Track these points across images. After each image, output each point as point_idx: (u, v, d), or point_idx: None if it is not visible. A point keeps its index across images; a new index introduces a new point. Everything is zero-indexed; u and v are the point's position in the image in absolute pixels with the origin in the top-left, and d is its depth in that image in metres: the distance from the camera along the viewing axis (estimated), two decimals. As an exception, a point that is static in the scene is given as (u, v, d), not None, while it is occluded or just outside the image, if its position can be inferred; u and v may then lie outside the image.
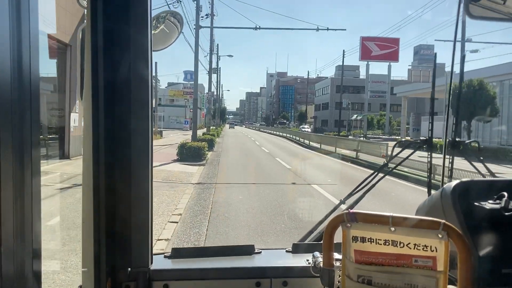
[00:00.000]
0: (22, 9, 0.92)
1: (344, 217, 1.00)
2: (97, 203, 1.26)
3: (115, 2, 1.26)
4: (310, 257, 1.27)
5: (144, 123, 1.33)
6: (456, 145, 1.86)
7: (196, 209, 8.57)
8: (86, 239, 1.27)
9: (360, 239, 1.00)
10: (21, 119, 0.94)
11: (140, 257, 1.36)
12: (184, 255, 1.56)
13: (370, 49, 61.77)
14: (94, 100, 1.24)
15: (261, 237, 6.61)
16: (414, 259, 0.97)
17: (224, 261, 1.55)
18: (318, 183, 12.16)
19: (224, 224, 7.42)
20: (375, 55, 62.19)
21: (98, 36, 1.24)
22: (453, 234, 0.92)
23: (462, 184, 1.26)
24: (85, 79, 1.26)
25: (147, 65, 1.32)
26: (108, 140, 1.28)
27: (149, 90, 1.34)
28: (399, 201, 9.68)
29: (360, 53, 62.22)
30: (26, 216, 0.96)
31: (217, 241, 6.36)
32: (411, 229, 0.95)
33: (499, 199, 1.21)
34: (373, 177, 1.96)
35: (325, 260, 1.09)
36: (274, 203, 9.32)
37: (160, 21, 1.76)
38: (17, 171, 0.93)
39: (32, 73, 0.96)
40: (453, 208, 1.21)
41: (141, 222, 1.35)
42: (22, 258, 0.96)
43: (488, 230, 1.20)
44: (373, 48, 61.94)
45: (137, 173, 1.33)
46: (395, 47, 61.77)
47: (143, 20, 1.30)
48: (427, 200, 1.41)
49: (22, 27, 0.92)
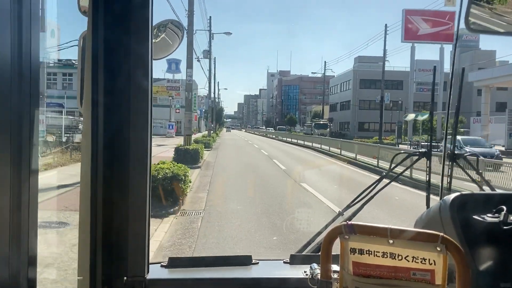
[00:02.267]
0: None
1: (342, 228, 1.00)
2: (94, 211, 1.25)
3: (116, 10, 1.27)
4: (307, 268, 1.26)
5: (143, 133, 1.33)
6: (455, 157, 1.86)
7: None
8: (82, 247, 1.26)
9: (358, 251, 0.99)
10: (19, 123, 0.94)
11: (136, 266, 1.35)
12: (181, 265, 1.55)
13: (417, 26, 45.51)
14: (94, 108, 1.24)
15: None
16: (412, 272, 0.96)
17: (221, 272, 1.53)
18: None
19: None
20: (424, 34, 45.54)
21: (99, 44, 1.24)
22: (451, 247, 0.92)
23: (461, 197, 1.26)
24: (85, 86, 1.26)
25: (147, 74, 1.33)
26: (106, 149, 1.28)
27: (148, 99, 1.34)
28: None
29: (403, 32, 45.58)
30: (22, 224, 0.95)
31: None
32: (410, 241, 0.94)
33: (498, 213, 1.21)
34: (371, 189, 1.95)
35: (323, 272, 1.08)
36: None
37: (161, 30, 1.76)
38: (15, 178, 0.93)
39: (32, 75, 0.96)
40: (452, 221, 1.21)
41: (138, 231, 1.34)
42: (17, 265, 0.96)
43: (486, 244, 1.20)
44: (420, 24, 45.43)
45: (134, 182, 1.32)
46: (450, 23, 43.96)
47: (144, 29, 1.31)
48: (425, 212, 1.40)
49: (23, 28, 0.93)
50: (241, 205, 9.62)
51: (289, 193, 11.98)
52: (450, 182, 1.86)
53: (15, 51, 0.91)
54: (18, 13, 0.92)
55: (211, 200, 10.23)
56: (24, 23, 0.93)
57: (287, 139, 45.72)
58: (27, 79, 0.95)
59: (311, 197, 10.62)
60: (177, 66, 44.30)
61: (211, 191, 11.43)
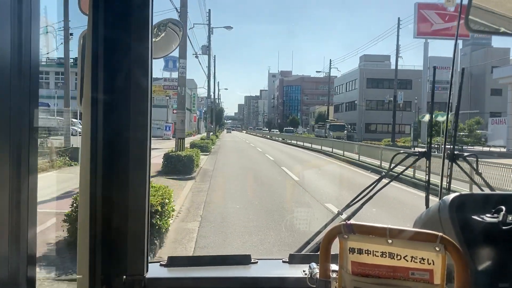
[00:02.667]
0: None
1: (341, 228, 1.00)
2: (93, 210, 1.25)
3: (116, 10, 1.27)
4: (306, 268, 1.26)
5: (143, 132, 1.33)
6: (454, 157, 1.86)
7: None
8: (81, 246, 1.27)
9: (357, 251, 1.00)
10: (19, 123, 0.94)
11: (135, 265, 1.35)
12: (180, 264, 1.55)
13: (430, 21, 43.44)
14: (93, 107, 1.24)
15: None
16: (411, 272, 0.96)
17: (220, 271, 1.54)
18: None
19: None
20: (438, 29, 43.01)
21: (99, 43, 1.24)
22: (450, 247, 0.92)
23: (460, 197, 1.26)
24: (85, 86, 1.26)
25: (147, 73, 1.33)
26: (106, 148, 1.28)
27: (148, 98, 1.34)
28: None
29: (416, 27, 43.23)
30: (21, 223, 0.96)
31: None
32: (408, 241, 0.95)
33: (497, 213, 1.21)
34: (371, 188, 1.95)
35: (322, 271, 1.08)
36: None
37: (161, 29, 1.77)
38: (14, 177, 0.93)
39: (32, 74, 0.96)
40: (451, 221, 1.21)
41: (137, 230, 1.34)
42: (16, 264, 0.96)
43: (485, 244, 1.20)
44: (434, 19, 43.22)
45: (134, 181, 1.32)
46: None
47: (144, 29, 1.31)
48: (424, 212, 1.40)
49: (23, 33, 0.93)
50: (250, 246, 6.33)
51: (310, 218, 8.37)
52: (449, 182, 1.86)
53: (15, 50, 0.92)
54: (18, 12, 0.92)
55: (205, 236, 6.81)
56: (24, 23, 0.94)
57: (297, 142, 41.18)
58: (27, 79, 0.95)
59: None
60: (175, 64, 43.45)
61: (206, 219, 8.01)
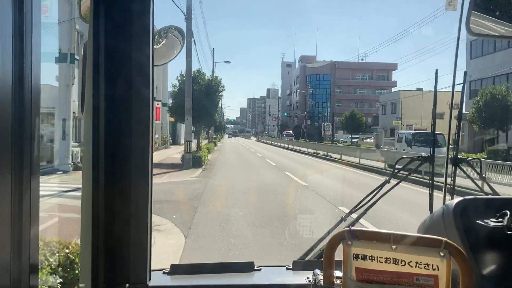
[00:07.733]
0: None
1: (344, 234, 0.99)
2: (95, 218, 1.25)
3: (117, 17, 1.27)
4: (310, 274, 1.25)
5: (144, 140, 1.33)
6: (458, 162, 1.85)
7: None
8: (84, 254, 1.26)
9: (361, 257, 0.99)
10: (20, 131, 0.94)
11: (138, 273, 1.34)
12: (183, 272, 1.54)
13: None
14: (95, 115, 1.24)
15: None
16: (415, 278, 0.95)
17: (223, 278, 1.53)
18: None
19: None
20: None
21: (100, 51, 1.25)
22: (455, 252, 0.91)
23: (464, 202, 1.25)
24: (86, 93, 1.26)
25: (148, 80, 1.33)
26: (108, 156, 1.28)
27: (149, 106, 1.34)
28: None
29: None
30: (24, 231, 0.95)
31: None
32: (412, 247, 0.94)
33: (502, 217, 1.20)
34: (374, 194, 1.95)
35: (326, 278, 1.07)
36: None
37: (162, 36, 1.77)
38: (16, 185, 0.93)
39: (33, 82, 0.96)
40: (455, 226, 1.20)
41: (140, 239, 1.34)
42: (18, 273, 0.95)
43: (490, 249, 1.19)
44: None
45: (136, 189, 1.32)
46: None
47: (145, 36, 1.31)
48: (428, 217, 1.39)
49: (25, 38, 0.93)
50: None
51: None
52: (453, 187, 1.85)
53: (16, 58, 0.92)
54: (19, 21, 0.92)
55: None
56: (26, 31, 0.94)
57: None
58: (28, 87, 0.95)
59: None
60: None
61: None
